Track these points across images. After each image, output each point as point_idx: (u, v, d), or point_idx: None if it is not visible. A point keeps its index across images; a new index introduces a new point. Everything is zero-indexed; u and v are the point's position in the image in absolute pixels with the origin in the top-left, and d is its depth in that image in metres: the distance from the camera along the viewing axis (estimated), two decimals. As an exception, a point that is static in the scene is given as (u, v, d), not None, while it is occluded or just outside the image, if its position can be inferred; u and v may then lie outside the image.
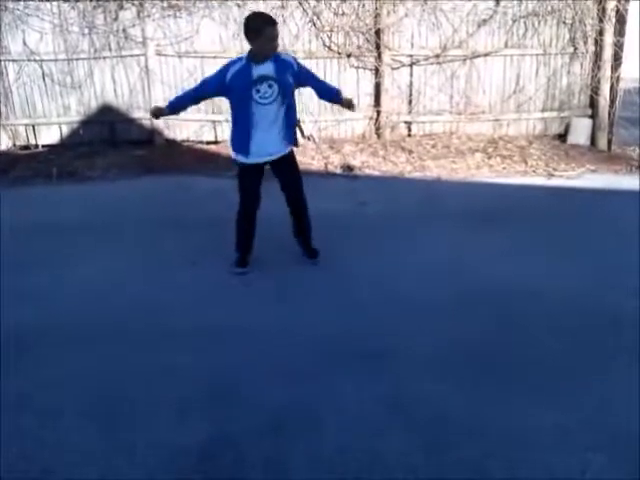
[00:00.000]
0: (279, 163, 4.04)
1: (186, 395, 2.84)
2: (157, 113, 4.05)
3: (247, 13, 7.26)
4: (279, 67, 3.82)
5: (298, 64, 3.99)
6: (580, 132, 7.93)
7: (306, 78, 4.05)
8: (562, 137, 8.05)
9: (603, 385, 2.89)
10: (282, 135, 3.95)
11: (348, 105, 4.12)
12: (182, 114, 7.48)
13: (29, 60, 7.49)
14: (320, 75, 3.87)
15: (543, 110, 8.07)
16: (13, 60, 7.50)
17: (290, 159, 4.09)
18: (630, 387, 2.85)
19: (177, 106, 4.05)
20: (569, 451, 2.46)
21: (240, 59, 3.88)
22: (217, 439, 2.54)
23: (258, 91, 3.78)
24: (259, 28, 3.71)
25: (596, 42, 7.78)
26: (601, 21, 7.66)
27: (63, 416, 2.71)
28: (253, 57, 3.80)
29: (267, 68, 3.79)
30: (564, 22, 7.77)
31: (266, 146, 3.92)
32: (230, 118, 4.04)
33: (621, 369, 3.01)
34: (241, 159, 4.00)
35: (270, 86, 3.79)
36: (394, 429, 2.60)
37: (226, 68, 3.85)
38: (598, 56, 7.80)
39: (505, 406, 2.74)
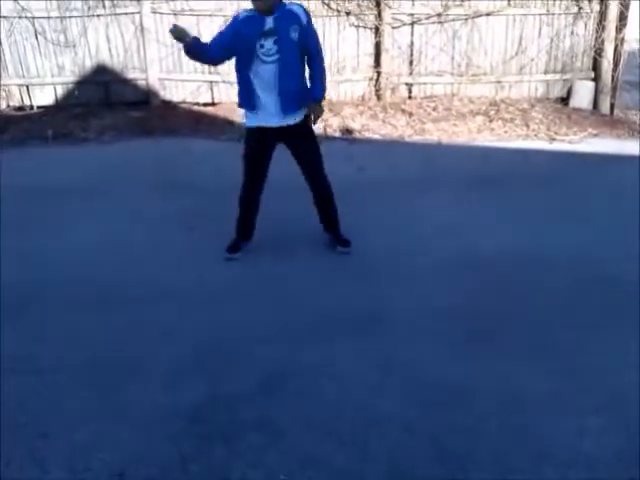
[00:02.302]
0: (291, 135, 3.63)
1: (180, 355, 2.86)
2: (180, 34, 3.37)
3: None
4: (283, 18, 3.41)
5: (308, 19, 3.48)
6: (583, 95, 7.82)
7: (306, 42, 3.49)
8: (564, 100, 7.94)
9: (601, 349, 2.90)
10: (289, 100, 3.50)
11: (315, 111, 3.61)
12: (178, 74, 7.42)
13: (20, 17, 7.31)
14: (319, 34, 3.61)
15: (545, 72, 7.94)
16: (4, 17, 7.30)
17: (303, 131, 3.67)
18: (628, 351, 2.85)
19: (200, 44, 3.46)
20: (566, 414, 2.47)
21: (245, 11, 3.50)
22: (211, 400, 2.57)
23: (262, 46, 3.41)
24: None
25: (601, 1, 7.61)
26: (607, -20, 7.47)
27: (56, 376, 2.73)
28: (256, 9, 3.41)
29: (277, 21, 3.40)
30: (569, -20, 7.58)
31: (270, 110, 3.52)
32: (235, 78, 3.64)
33: (620, 333, 3.01)
34: (247, 122, 3.64)
35: (275, 42, 3.40)
36: (389, 391, 2.61)
37: (238, 15, 3.51)
38: (603, 16, 7.64)
39: (501, 370, 2.75)
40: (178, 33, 3.37)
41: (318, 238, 4.02)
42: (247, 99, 3.57)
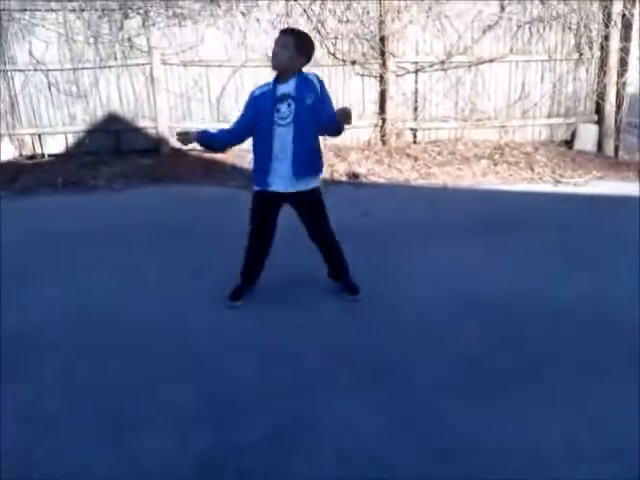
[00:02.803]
0: (299, 199, 3.63)
1: (186, 405, 2.83)
2: (185, 139, 3.54)
3: (252, 22, 7.44)
4: (300, 85, 3.49)
5: (322, 86, 3.54)
6: (586, 138, 7.90)
7: (320, 109, 3.44)
8: (568, 143, 8.03)
9: (616, 395, 2.85)
10: (301, 165, 3.53)
11: (343, 116, 3.25)
12: (189, 123, 7.56)
13: (35, 70, 7.53)
14: (325, 83, 3.68)
15: (549, 116, 8.06)
16: (19, 70, 7.54)
17: (312, 198, 3.66)
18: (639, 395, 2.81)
19: (207, 136, 3.59)
20: (578, 461, 2.42)
21: (264, 84, 3.62)
22: (219, 449, 2.53)
23: (278, 111, 3.48)
24: (288, 39, 3.48)
25: (602, 47, 7.78)
26: (607, 26, 7.65)
27: (64, 423, 2.71)
28: (277, 76, 3.55)
29: (289, 86, 3.49)
30: (569, 27, 7.76)
31: (282, 174, 3.53)
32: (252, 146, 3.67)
33: (629, 378, 2.97)
34: (256, 185, 3.64)
35: (289, 105, 3.48)
36: (399, 440, 2.57)
37: (254, 90, 3.63)
38: (604, 61, 7.79)
39: (516, 418, 2.70)
40: (182, 137, 3.54)
41: (326, 283, 4.01)
42: (260, 163, 3.58)
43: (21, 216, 5.66)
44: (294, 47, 3.46)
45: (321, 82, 3.57)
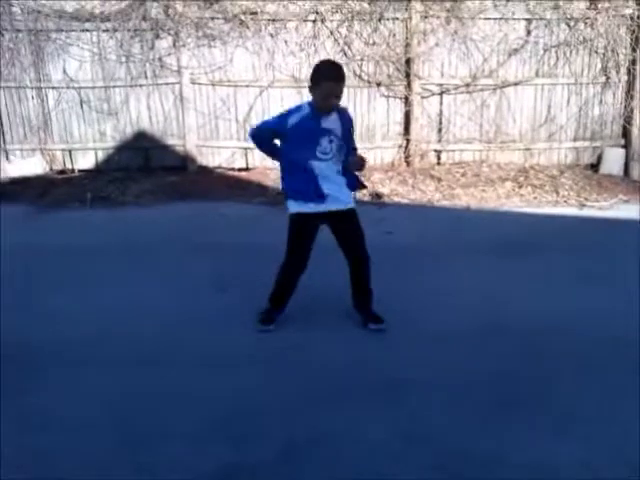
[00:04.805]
0: (339, 219, 3.62)
1: (204, 419, 2.86)
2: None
3: (279, 43, 7.58)
4: (344, 122, 3.54)
5: (352, 125, 3.67)
6: (613, 162, 7.85)
7: (351, 140, 3.66)
8: (594, 167, 7.98)
9: (634, 417, 2.82)
10: (340, 188, 3.58)
11: (357, 166, 3.64)
12: (215, 141, 7.69)
13: (68, 87, 7.74)
14: (350, 104, 3.72)
15: (575, 139, 8.03)
16: (53, 87, 7.76)
17: (351, 217, 3.65)
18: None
19: (258, 137, 3.68)
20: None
21: (301, 107, 3.54)
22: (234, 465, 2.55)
23: (320, 145, 3.48)
24: (317, 79, 3.39)
25: (629, 71, 7.75)
26: (634, 50, 7.63)
27: (81, 436, 2.74)
28: (317, 108, 3.46)
29: (333, 122, 3.49)
30: (596, 52, 7.76)
31: (326, 195, 3.53)
32: (281, 167, 3.70)
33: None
34: (292, 207, 3.59)
35: (331, 141, 3.49)
36: (414, 461, 2.57)
37: (287, 113, 3.54)
38: (631, 85, 7.77)
39: (531, 439, 2.68)
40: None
41: (343, 304, 4.02)
42: (299, 192, 3.56)
43: (50, 229, 5.78)
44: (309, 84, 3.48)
45: (352, 121, 3.67)
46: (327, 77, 3.37)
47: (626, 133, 7.92)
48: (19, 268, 4.74)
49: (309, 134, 3.47)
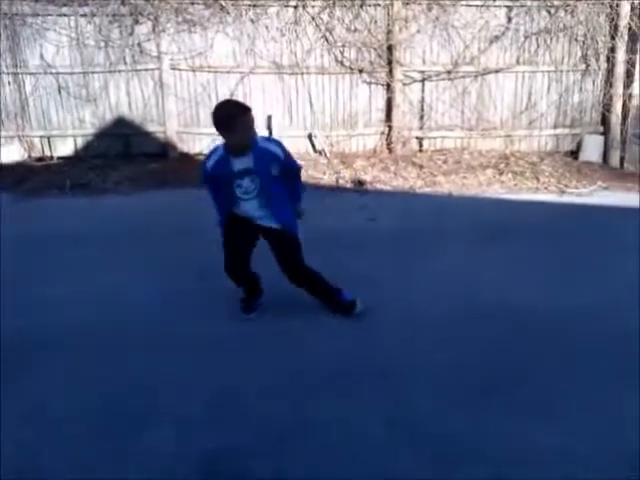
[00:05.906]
0: (271, 236, 3.55)
1: (192, 406, 2.86)
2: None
3: (260, 29, 7.52)
4: (259, 159, 3.34)
5: (285, 154, 3.44)
6: (592, 149, 7.93)
7: (288, 171, 3.49)
8: (574, 154, 8.05)
9: (616, 405, 2.86)
10: (272, 211, 3.48)
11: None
12: (195, 128, 7.62)
13: (46, 73, 7.61)
14: (332, 90, 3.66)
15: (555, 127, 8.09)
16: (30, 73, 7.63)
17: (284, 238, 3.53)
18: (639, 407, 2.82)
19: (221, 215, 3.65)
20: (575, 473, 2.43)
21: (217, 148, 3.45)
22: (221, 452, 2.56)
23: (240, 186, 3.39)
24: (231, 119, 3.23)
25: (608, 59, 7.81)
26: (613, 38, 7.69)
27: (63, 424, 2.74)
28: (230, 150, 3.34)
29: (247, 161, 3.33)
30: (576, 39, 7.80)
31: (252, 211, 3.50)
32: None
33: (631, 389, 2.98)
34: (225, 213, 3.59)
35: (252, 180, 3.37)
36: (400, 447, 2.59)
37: (206, 159, 3.49)
38: (610, 73, 7.83)
39: (513, 427, 2.71)
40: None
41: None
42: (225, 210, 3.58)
43: (29, 217, 5.70)
44: (217, 131, 3.31)
45: (284, 149, 3.46)
46: (239, 111, 3.27)
47: (605, 120, 7.99)
48: (-3, 256, 4.68)
49: (227, 177, 3.38)
